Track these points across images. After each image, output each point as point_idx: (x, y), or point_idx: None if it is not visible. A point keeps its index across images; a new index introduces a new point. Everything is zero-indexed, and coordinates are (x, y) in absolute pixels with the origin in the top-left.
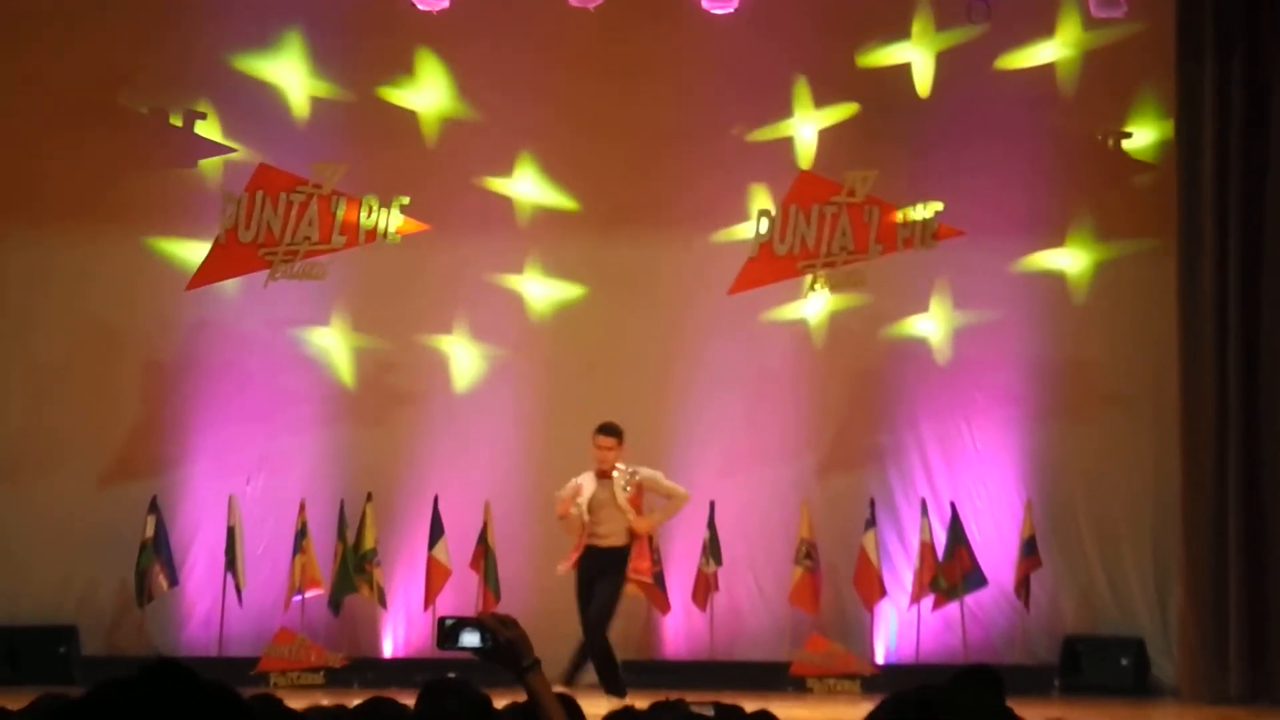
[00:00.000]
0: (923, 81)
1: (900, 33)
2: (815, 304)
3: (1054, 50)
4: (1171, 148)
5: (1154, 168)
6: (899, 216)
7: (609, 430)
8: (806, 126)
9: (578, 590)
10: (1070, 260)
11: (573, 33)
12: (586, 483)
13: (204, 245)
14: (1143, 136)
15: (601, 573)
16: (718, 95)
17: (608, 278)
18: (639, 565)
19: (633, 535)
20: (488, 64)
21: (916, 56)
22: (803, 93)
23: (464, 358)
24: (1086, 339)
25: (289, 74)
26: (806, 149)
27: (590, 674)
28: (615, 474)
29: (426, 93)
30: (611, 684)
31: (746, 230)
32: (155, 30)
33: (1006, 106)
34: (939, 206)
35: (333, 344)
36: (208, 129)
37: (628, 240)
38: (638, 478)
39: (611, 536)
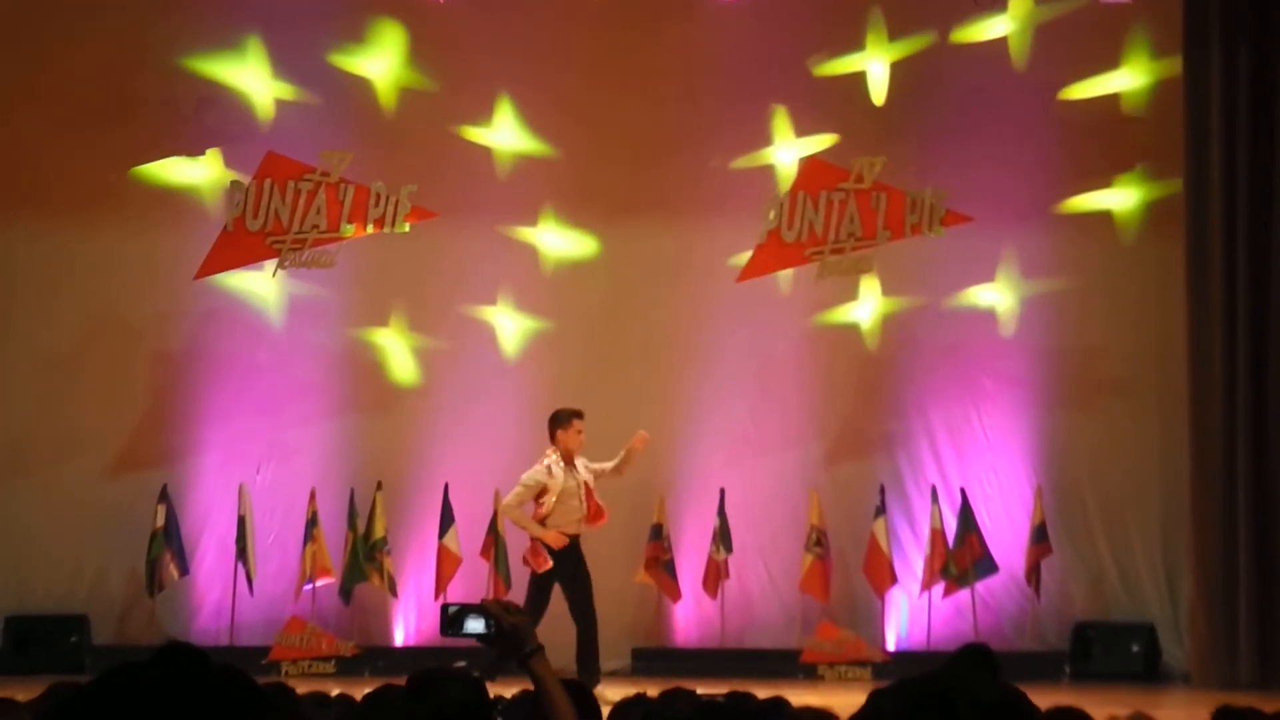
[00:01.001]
0: (929, 71)
1: (911, 21)
2: (824, 291)
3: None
4: (1181, 134)
5: (1163, 154)
6: (907, 202)
7: (582, 414)
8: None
9: (548, 580)
10: (1080, 246)
11: (580, 12)
12: (558, 473)
13: (212, 234)
14: (1141, 100)
15: (567, 563)
16: (731, 71)
17: (616, 266)
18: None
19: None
20: (495, 47)
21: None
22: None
23: (473, 346)
24: (1096, 326)
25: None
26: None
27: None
28: (581, 464)
29: (427, 77)
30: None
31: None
32: (165, 18)
33: (1014, 93)
34: (946, 193)
35: (341, 333)
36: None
37: (635, 227)
38: (594, 468)
39: (581, 523)
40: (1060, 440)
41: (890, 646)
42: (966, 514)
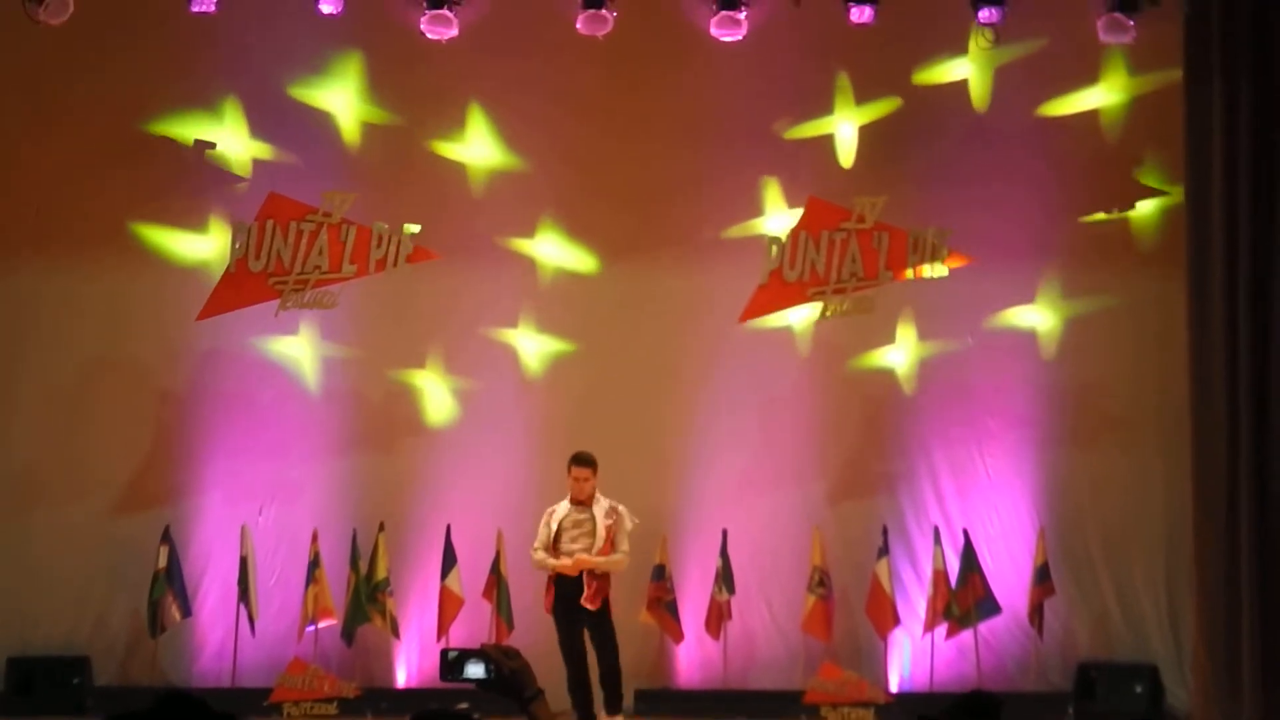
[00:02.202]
0: (929, 110)
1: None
2: (826, 331)
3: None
4: (1180, 169)
5: (1163, 192)
6: (909, 242)
7: (586, 461)
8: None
9: (557, 617)
10: (1080, 285)
11: (582, 59)
12: (560, 509)
13: (215, 275)
14: (1155, 164)
15: (575, 607)
16: (730, 115)
17: (620, 305)
18: (598, 592)
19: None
20: (494, 90)
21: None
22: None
23: (476, 387)
24: (1098, 365)
25: (324, 97)
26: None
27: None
28: (603, 501)
29: (433, 120)
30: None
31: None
32: (168, 64)
33: (1018, 133)
34: (949, 232)
35: (343, 373)
36: (227, 143)
37: (637, 266)
38: (618, 511)
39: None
40: (1063, 480)
41: (893, 688)
42: (969, 554)
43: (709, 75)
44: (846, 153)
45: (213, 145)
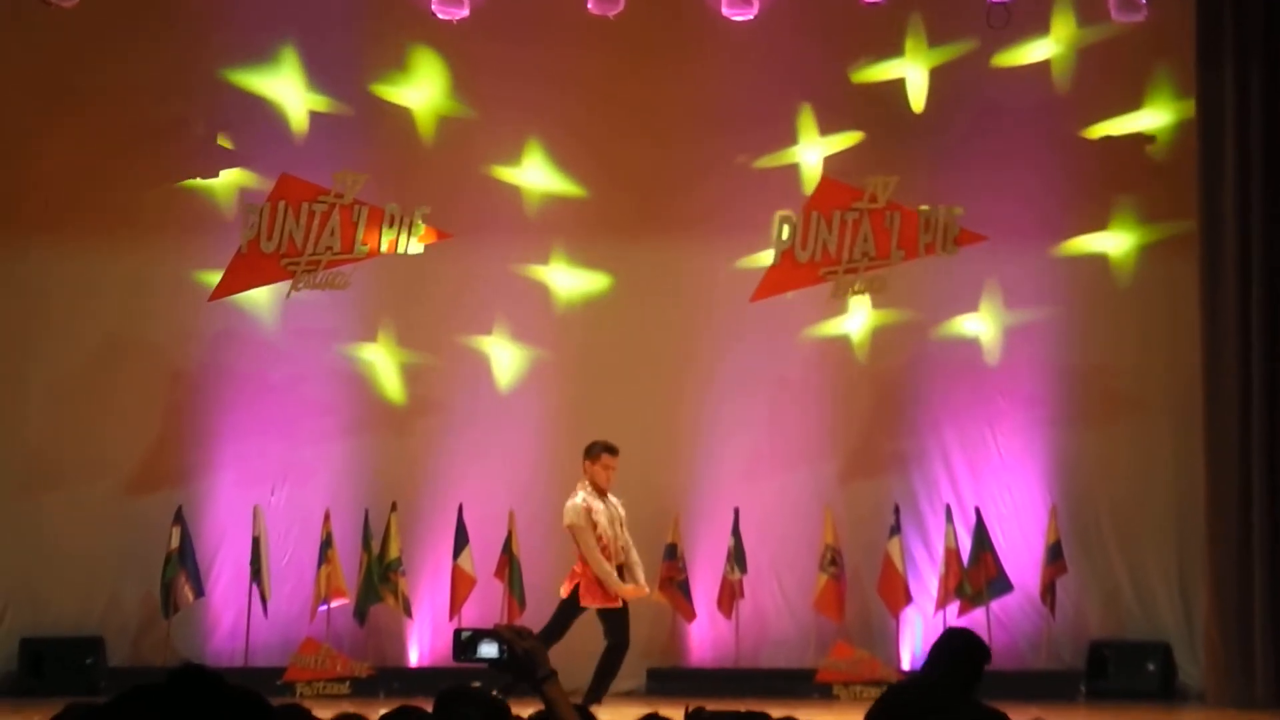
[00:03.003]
0: (926, 94)
1: (924, 42)
2: (838, 310)
3: (1053, 48)
4: (1188, 137)
5: (1175, 171)
6: (920, 221)
7: (615, 450)
8: (814, 149)
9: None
10: (1092, 265)
11: (593, 39)
12: (597, 506)
13: (227, 256)
14: (1162, 138)
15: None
16: (741, 95)
17: (629, 286)
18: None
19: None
20: (505, 71)
21: (913, 72)
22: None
23: (488, 366)
24: (1110, 343)
25: (299, 85)
26: (818, 162)
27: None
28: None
29: (442, 100)
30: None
31: (767, 255)
32: (179, 47)
33: (1029, 110)
34: (959, 211)
35: (356, 354)
36: (228, 139)
37: (649, 248)
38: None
39: (620, 553)
40: (1075, 458)
41: (905, 666)
42: (981, 533)
43: (720, 57)
44: (859, 133)
45: (225, 126)
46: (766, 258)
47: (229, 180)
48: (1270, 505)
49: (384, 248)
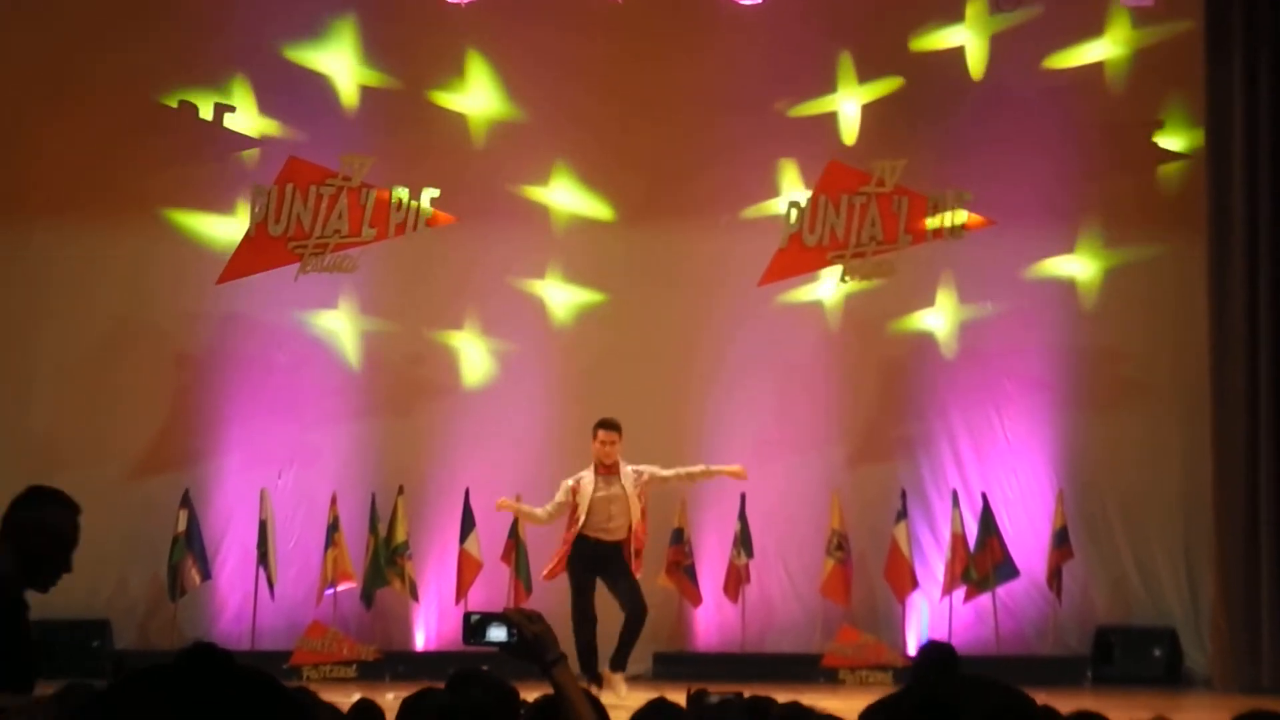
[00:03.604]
0: (977, 64)
1: (944, 17)
2: (844, 295)
3: (1081, 39)
4: (1202, 139)
5: (1185, 158)
6: (929, 205)
7: (612, 425)
8: (849, 101)
9: (580, 582)
10: (1101, 250)
11: (602, 23)
12: (586, 478)
13: (234, 239)
14: (1174, 127)
15: (605, 565)
16: (751, 81)
17: (637, 268)
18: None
19: (632, 531)
20: (514, 54)
21: (968, 38)
22: (846, 69)
23: (495, 350)
24: (1118, 328)
25: (332, 62)
26: (848, 125)
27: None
28: (629, 470)
29: (451, 83)
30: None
31: (777, 207)
32: (187, 30)
33: (1036, 96)
34: (968, 196)
35: (363, 337)
36: (235, 122)
37: (657, 231)
38: (644, 477)
39: (617, 531)
40: (1082, 443)
41: (911, 651)
42: (987, 518)
43: (727, 43)
44: (860, 122)
45: (232, 109)
46: (775, 239)
47: (236, 162)
48: (1277, 490)
49: (391, 231)
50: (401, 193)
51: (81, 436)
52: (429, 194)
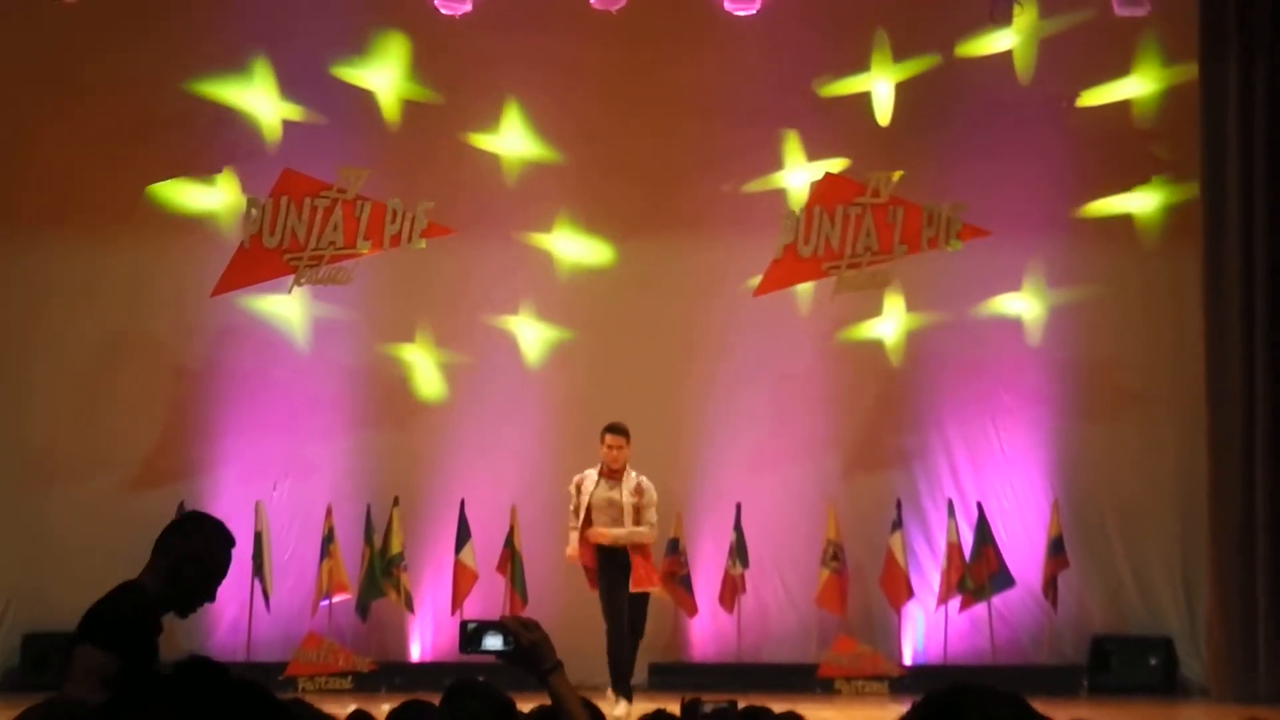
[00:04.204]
0: (942, 86)
1: (919, 39)
2: (841, 305)
3: (1076, 49)
4: (1196, 146)
5: (1178, 163)
6: (923, 216)
7: (620, 430)
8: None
9: (605, 587)
10: (1095, 259)
11: (596, 33)
12: (590, 476)
13: (229, 252)
14: (1169, 138)
15: (618, 574)
16: (744, 88)
17: (633, 280)
18: (649, 574)
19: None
20: (509, 64)
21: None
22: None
23: (490, 362)
24: (1113, 338)
25: (301, 79)
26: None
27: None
28: (632, 475)
29: (446, 94)
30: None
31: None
32: (183, 40)
33: (1029, 107)
34: (963, 206)
35: (358, 349)
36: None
37: (653, 242)
38: (642, 487)
39: (614, 538)
40: (1077, 453)
41: (907, 661)
42: (983, 527)
43: (723, 50)
44: (862, 127)
45: (231, 117)
46: (770, 252)
47: (231, 174)
48: (1273, 500)
49: (386, 243)
50: (396, 205)
51: (78, 448)
52: (424, 206)
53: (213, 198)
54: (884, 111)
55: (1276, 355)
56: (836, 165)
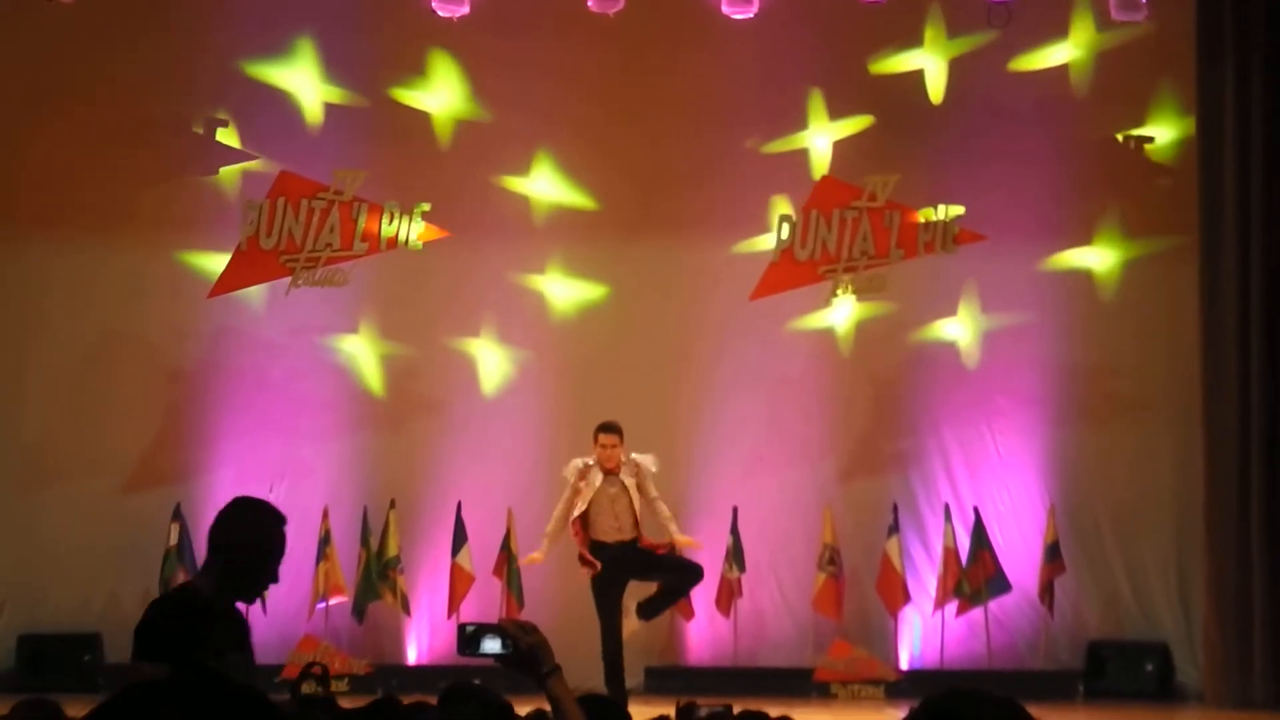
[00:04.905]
0: (937, 88)
1: (914, 40)
2: (837, 309)
3: (1070, 52)
4: (1192, 148)
5: (1175, 169)
6: (920, 219)
7: (613, 428)
8: (821, 137)
9: (605, 586)
10: (1092, 264)
11: (592, 37)
12: (595, 476)
13: (226, 253)
14: (1162, 137)
15: (627, 566)
16: (739, 94)
17: (629, 283)
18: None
19: (637, 523)
20: (506, 68)
21: (930, 63)
22: (817, 102)
23: (486, 364)
24: (1108, 343)
25: (304, 80)
26: (822, 156)
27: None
28: (628, 467)
29: (444, 97)
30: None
31: (768, 240)
32: (178, 43)
33: (1026, 110)
34: (960, 211)
35: (355, 351)
36: (228, 136)
37: (649, 245)
38: (637, 461)
39: (622, 531)
40: (1074, 458)
41: (903, 665)
42: (980, 532)
43: (720, 54)
44: (858, 133)
45: (224, 123)
46: (767, 256)
47: (228, 176)
48: (1269, 505)
49: (383, 245)
50: (393, 207)
51: (74, 450)
52: (420, 208)
53: (210, 199)
54: (883, 113)
55: (1272, 360)
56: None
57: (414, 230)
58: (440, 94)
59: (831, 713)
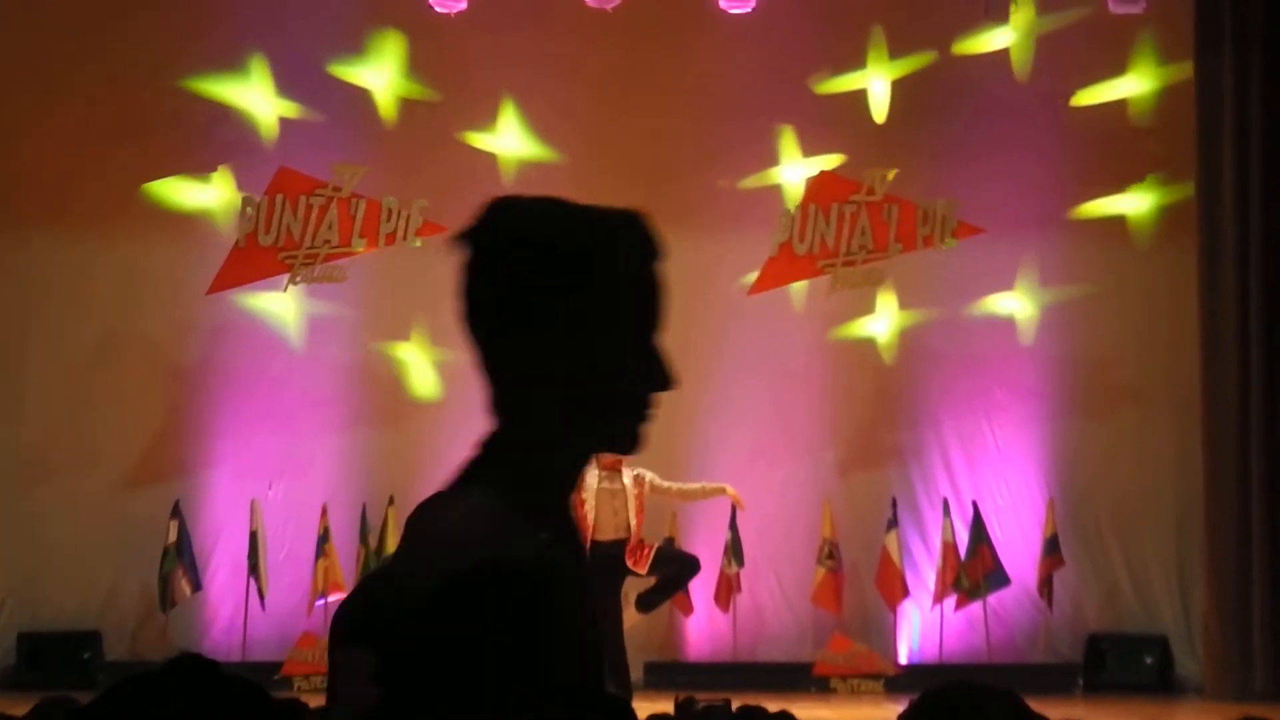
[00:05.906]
0: (937, 83)
1: (914, 37)
2: (836, 303)
3: (1072, 47)
4: (1192, 141)
5: (1174, 161)
6: (918, 214)
7: None
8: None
9: (603, 586)
10: (1091, 256)
11: (599, 25)
12: (591, 480)
13: (223, 249)
14: (1162, 130)
15: (624, 563)
16: (739, 89)
17: None
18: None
19: (631, 531)
20: (506, 68)
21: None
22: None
23: None
24: (1108, 335)
25: (304, 80)
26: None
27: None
28: (628, 470)
29: (444, 93)
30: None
31: (767, 233)
32: (174, 38)
33: (1023, 103)
34: (959, 204)
35: (353, 347)
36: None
37: None
38: (645, 482)
39: (615, 530)
40: (1072, 451)
41: (902, 659)
42: (978, 526)
43: (719, 47)
44: (858, 124)
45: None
46: (765, 251)
47: (227, 173)
48: (1269, 498)
49: (381, 241)
50: (391, 203)
51: (72, 446)
52: (419, 204)
53: (208, 195)
54: (880, 109)
55: (1272, 352)
56: (832, 162)
57: (412, 226)
58: (439, 89)
59: (830, 707)
